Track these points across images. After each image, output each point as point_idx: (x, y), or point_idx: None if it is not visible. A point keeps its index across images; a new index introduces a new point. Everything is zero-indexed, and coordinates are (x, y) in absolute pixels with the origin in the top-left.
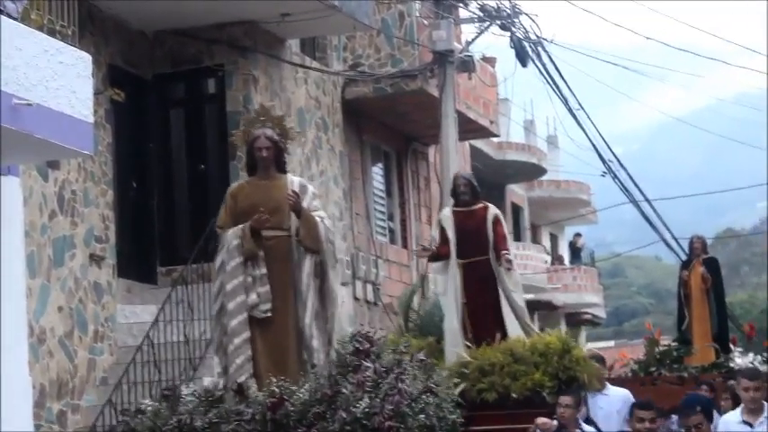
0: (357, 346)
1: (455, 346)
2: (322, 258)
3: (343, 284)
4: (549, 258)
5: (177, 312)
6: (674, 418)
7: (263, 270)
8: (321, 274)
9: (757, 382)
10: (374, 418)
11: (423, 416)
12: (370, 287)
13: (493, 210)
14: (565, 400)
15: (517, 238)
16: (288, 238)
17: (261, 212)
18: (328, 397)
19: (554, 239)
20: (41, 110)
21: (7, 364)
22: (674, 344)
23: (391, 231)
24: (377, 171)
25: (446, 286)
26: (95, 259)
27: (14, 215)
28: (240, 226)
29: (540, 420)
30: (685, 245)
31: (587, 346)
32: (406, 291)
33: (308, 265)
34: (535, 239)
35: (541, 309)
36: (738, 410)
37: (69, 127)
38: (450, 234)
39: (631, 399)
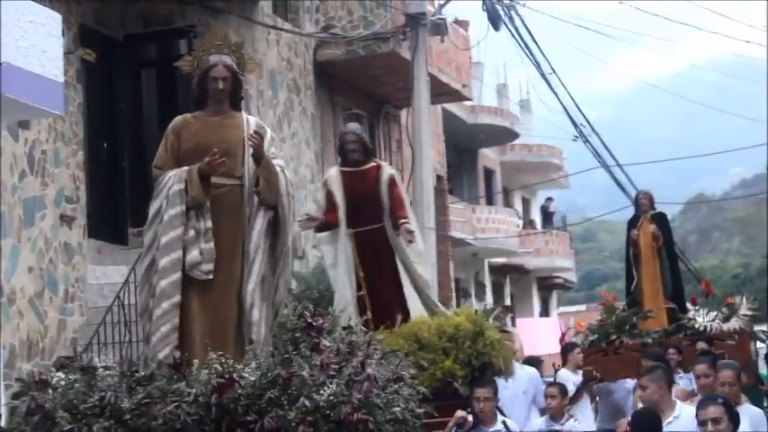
0: (309, 321)
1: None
2: (280, 214)
3: (314, 247)
4: (520, 222)
5: None
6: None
7: (209, 224)
8: (274, 233)
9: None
10: (340, 408)
11: (397, 408)
12: None
13: (388, 169)
14: (482, 393)
15: (489, 201)
16: (240, 188)
17: (214, 154)
18: (283, 380)
19: (526, 203)
20: (11, 69)
21: None
22: (624, 307)
23: None
24: None
25: (335, 259)
26: (66, 220)
27: None
28: (185, 168)
29: (459, 414)
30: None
31: (559, 310)
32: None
33: (260, 221)
34: (507, 203)
35: (513, 273)
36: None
37: (39, 87)
38: (339, 198)
39: (539, 378)
